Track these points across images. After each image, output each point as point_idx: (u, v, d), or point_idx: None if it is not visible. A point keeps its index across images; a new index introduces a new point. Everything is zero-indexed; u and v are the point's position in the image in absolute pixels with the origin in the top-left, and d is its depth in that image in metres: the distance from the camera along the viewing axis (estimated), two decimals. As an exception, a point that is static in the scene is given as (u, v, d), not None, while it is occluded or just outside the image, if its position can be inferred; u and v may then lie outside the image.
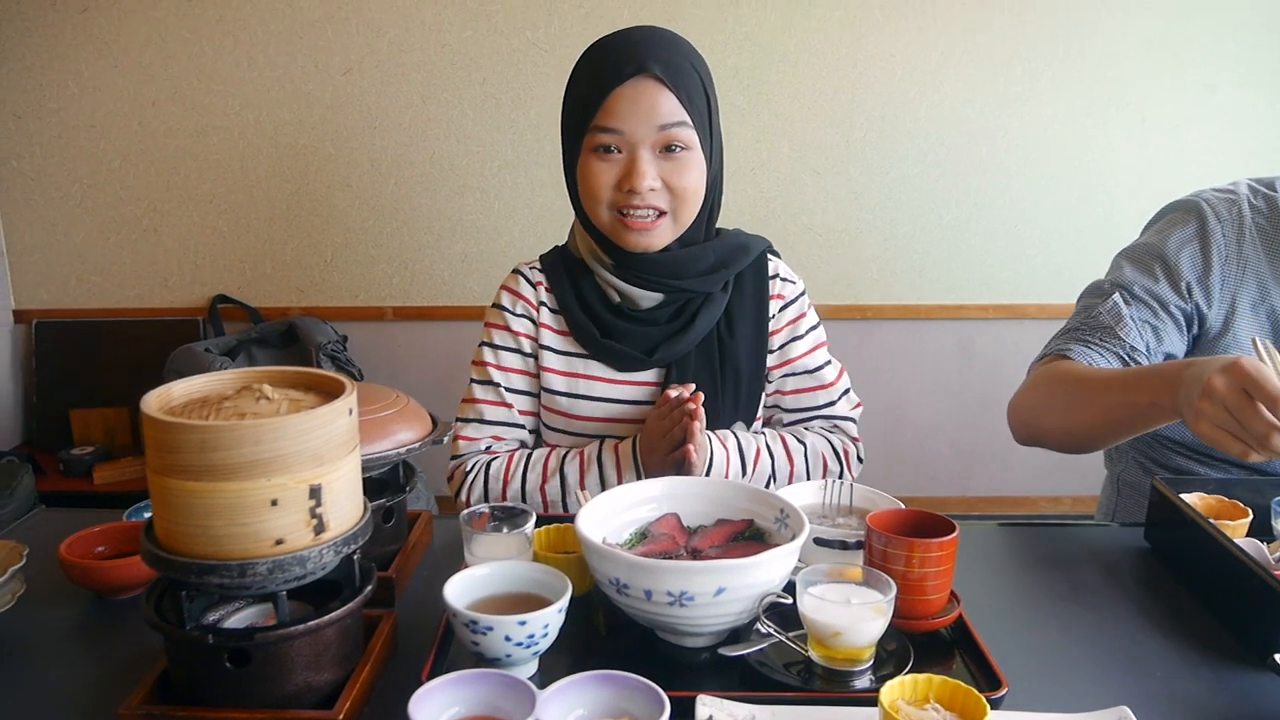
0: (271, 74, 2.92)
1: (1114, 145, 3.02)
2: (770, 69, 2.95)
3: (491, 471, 1.37)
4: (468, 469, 1.39)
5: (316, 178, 3.00)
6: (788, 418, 1.46)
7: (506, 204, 3.03)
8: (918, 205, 3.06)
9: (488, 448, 1.42)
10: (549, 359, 1.40)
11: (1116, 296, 1.34)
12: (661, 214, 1.30)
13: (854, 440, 1.44)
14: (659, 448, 1.28)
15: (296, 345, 2.90)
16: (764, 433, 1.40)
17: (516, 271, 1.44)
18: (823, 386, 1.43)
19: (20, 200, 3.01)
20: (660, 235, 1.31)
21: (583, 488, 1.32)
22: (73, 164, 2.98)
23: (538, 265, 1.44)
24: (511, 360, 1.41)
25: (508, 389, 1.41)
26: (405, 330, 3.13)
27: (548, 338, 1.40)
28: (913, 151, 3.02)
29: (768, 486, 1.35)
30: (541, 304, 1.41)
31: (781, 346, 1.43)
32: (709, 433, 1.33)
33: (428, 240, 3.06)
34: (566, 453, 1.36)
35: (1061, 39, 2.93)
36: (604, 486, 1.31)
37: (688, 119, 1.26)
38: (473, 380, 1.43)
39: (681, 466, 1.27)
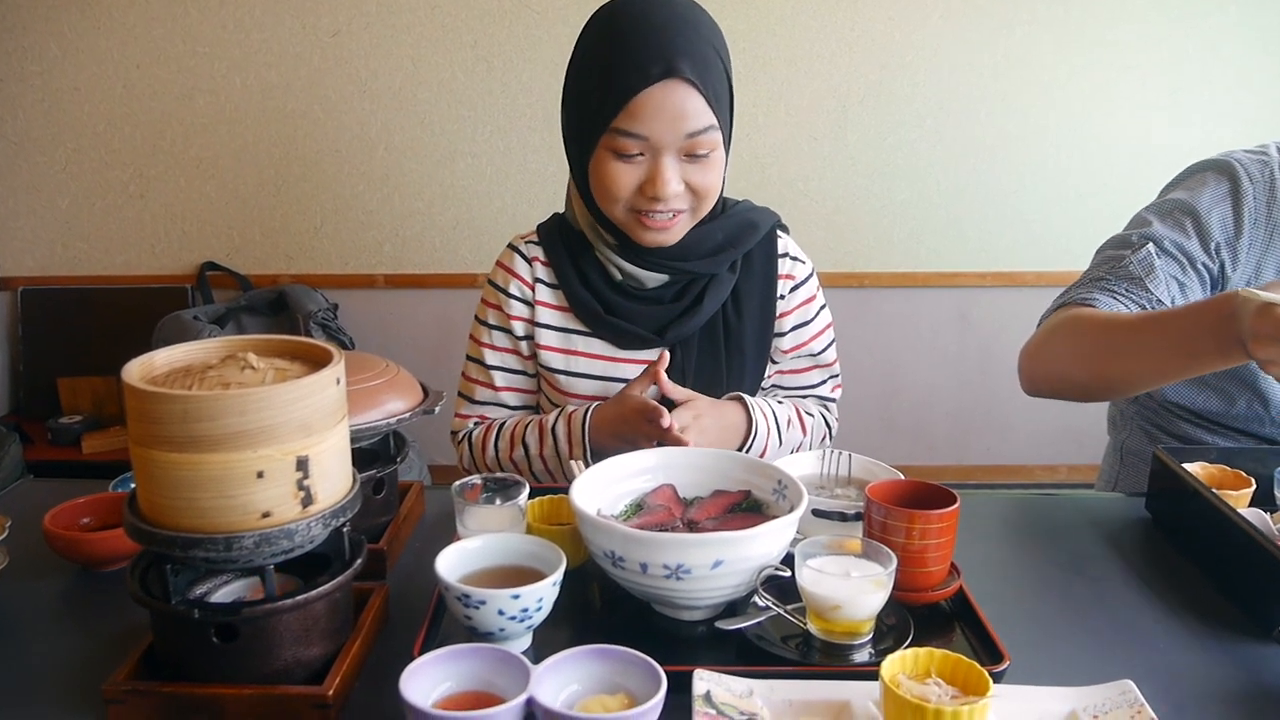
0: (259, 36, 2.87)
1: (1115, 109, 2.99)
2: (766, 32, 2.90)
3: (473, 440, 1.38)
4: (459, 440, 1.41)
5: (305, 143, 2.96)
6: (782, 394, 1.44)
7: (499, 169, 2.99)
8: (915, 171, 3.03)
9: (475, 424, 1.41)
10: (546, 337, 1.35)
11: (1150, 248, 1.30)
12: (680, 212, 1.24)
13: (836, 420, 1.46)
14: (625, 436, 1.22)
15: (286, 313, 2.87)
16: (784, 403, 1.38)
17: (512, 247, 1.39)
18: (820, 367, 1.43)
19: (3, 165, 2.97)
20: (678, 232, 1.26)
21: (541, 455, 1.31)
22: (56, 128, 2.94)
23: (534, 238, 1.38)
24: (503, 340, 1.37)
25: (497, 368, 1.38)
26: (397, 298, 3.11)
27: (545, 315, 1.35)
28: (911, 117, 2.99)
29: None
30: (538, 280, 1.36)
31: (794, 329, 1.39)
32: (755, 404, 1.30)
33: (419, 206, 3.02)
34: (530, 421, 1.34)
35: (1061, 2, 2.89)
36: (559, 458, 1.30)
37: (715, 121, 1.19)
38: (468, 357, 1.41)
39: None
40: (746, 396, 1.31)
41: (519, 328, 1.36)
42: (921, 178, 3.04)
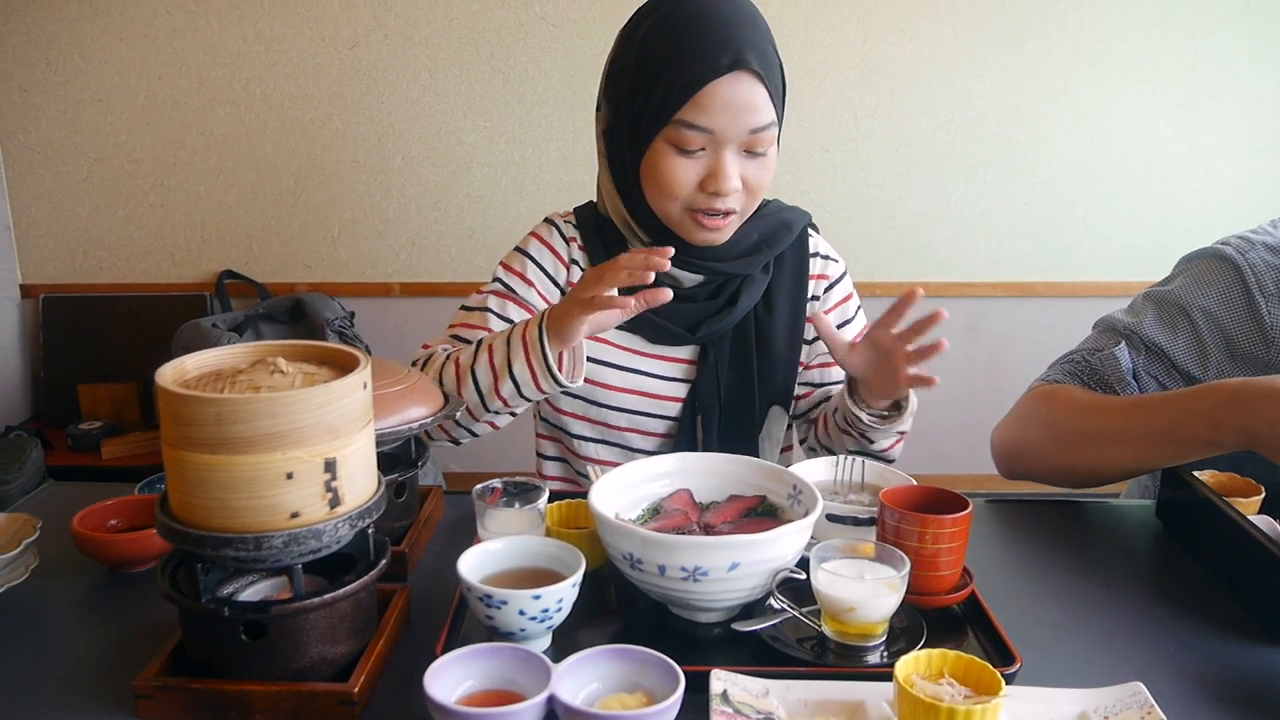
0: (278, 47, 2.91)
1: (1125, 121, 3.00)
2: (779, 44, 2.90)
3: (430, 358, 1.25)
4: (419, 364, 1.26)
5: (323, 153, 2.99)
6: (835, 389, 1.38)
7: (514, 180, 3.02)
8: (927, 182, 3.05)
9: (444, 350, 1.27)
10: None
11: (1122, 347, 1.24)
12: (733, 212, 1.22)
13: None
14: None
15: (304, 321, 2.90)
16: None
17: (550, 222, 1.36)
18: None
19: (27, 174, 3.01)
20: (729, 232, 1.24)
21: (498, 392, 1.15)
22: (79, 138, 2.98)
23: (573, 219, 1.35)
24: (513, 312, 1.31)
25: (497, 315, 1.30)
26: (412, 306, 3.13)
27: None
28: (922, 128, 3.00)
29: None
30: (573, 262, 1.33)
31: (837, 329, 1.36)
32: None
33: (435, 216, 3.05)
34: (478, 348, 1.19)
35: (1073, 14, 2.91)
36: (515, 384, 1.14)
37: (775, 117, 1.18)
38: (463, 307, 1.33)
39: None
40: None
41: (533, 298, 1.32)
42: (932, 188, 3.05)
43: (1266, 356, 1.19)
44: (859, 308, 1.41)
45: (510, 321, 1.29)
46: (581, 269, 1.33)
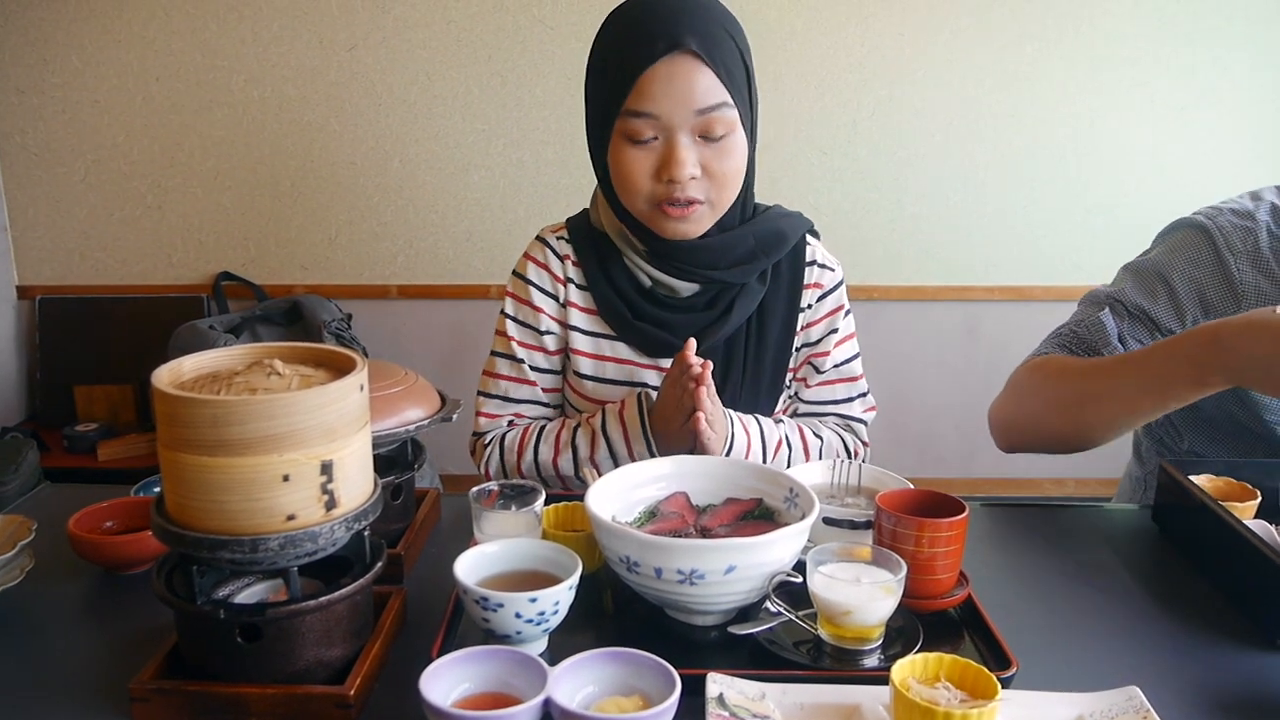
0: (276, 50, 2.91)
1: (1124, 125, 3.01)
2: (778, 47, 2.92)
3: (506, 443, 1.32)
4: (486, 443, 1.35)
5: (321, 155, 2.99)
6: (803, 408, 1.39)
7: (512, 182, 3.02)
8: (925, 186, 3.05)
9: (510, 423, 1.36)
10: (578, 340, 1.33)
11: (1106, 312, 1.27)
12: (697, 203, 1.20)
13: (864, 444, 1.40)
14: (674, 417, 1.19)
15: (301, 323, 2.90)
16: (784, 421, 1.34)
17: (542, 240, 1.35)
18: (844, 381, 1.39)
19: (24, 176, 3.01)
20: (699, 223, 1.23)
21: (593, 461, 1.27)
22: (76, 139, 2.98)
23: (565, 234, 1.35)
24: (532, 337, 1.34)
25: (531, 367, 1.34)
26: (409, 308, 3.13)
27: (576, 317, 1.33)
28: (921, 131, 3.01)
29: None
30: (569, 280, 1.33)
31: (819, 340, 1.36)
32: (731, 413, 1.26)
33: (432, 218, 3.05)
34: (578, 425, 1.30)
35: (1071, 18, 2.92)
36: (614, 460, 1.25)
37: (728, 98, 1.15)
38: (495, 353, 1.36)
39: (695, 442, 1.19)
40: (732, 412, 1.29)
41: (547, 323, 1.33)
42: (930, 192, 3.06)
43: (1237, 313, 1.21)
44: (846, 314, 1.39)
45: (538, 367, 1.36)
46: (577, 285, 1.33)
